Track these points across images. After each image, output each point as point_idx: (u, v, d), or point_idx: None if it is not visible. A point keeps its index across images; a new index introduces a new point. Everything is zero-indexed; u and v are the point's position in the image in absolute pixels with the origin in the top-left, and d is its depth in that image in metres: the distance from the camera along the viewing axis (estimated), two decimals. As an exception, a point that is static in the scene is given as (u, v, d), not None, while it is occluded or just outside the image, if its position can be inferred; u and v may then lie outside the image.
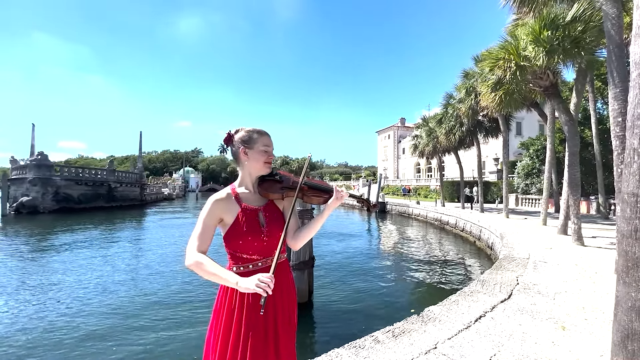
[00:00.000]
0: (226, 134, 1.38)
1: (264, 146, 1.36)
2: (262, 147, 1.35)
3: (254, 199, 1.38)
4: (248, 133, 1.36)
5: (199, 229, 1.26)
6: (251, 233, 1.29)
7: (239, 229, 1.29)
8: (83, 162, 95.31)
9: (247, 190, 1.39)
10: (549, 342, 2.61)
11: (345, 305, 6.42)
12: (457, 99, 17.39)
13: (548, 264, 5.41)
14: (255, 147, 1.35)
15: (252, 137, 1.35)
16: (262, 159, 1.35)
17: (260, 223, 1.33)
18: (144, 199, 39.90)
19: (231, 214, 1.31)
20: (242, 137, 1.36)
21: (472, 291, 3.85)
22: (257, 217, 1.33)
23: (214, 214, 1.29)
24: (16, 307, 6.24)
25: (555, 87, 8.36)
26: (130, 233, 16.66)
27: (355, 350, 2.49)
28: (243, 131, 1.37)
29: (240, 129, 1.38)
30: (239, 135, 1.37)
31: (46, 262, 10.04)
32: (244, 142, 1.35)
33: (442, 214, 18.60)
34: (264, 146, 1.35)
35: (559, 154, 16.39)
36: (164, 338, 4.99)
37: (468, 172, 27.21)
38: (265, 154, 1.36)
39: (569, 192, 8.07)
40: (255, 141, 1.35)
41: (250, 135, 1.35)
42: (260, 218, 1.34)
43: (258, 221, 1.32)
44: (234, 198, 1.34)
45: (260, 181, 1.41)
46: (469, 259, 10.65)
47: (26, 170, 27.41)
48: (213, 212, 1.28)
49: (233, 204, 1.33)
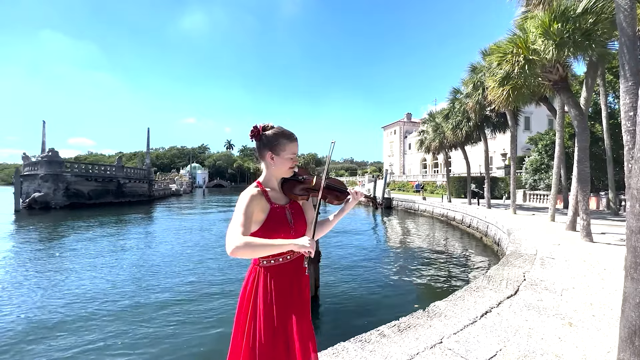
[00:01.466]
0: (254, 128, 1.39)
1: (291, 154, 1.39)
2: (289, 154, 1.39)
3: (280, 198, 1.44)
4: (276, 136, 1.37)
5: (240, 218, 1.26)
6: (282, 229, 1.36)
7: (271, 225, 1.35)
8: (92, 159, 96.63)
9: (274, 189, 1.44)
10: (555, 338, 2.61)
11: (351, 299, 6.47)
12: (464, 93, 17.17)
13: (556, 260, 5.37)
14: (282, 155, 1.38)
15: (280, 142, 1.37)
16: (288, 165, 1.40)
17: (289, 220, 1.40)
18: (152, 195, 40.41)
19: (264, 211, 1.36)
20: (271, 139, 1.37)
21: (478, 287, 3.85)
22: (285, 214, 1.40)
23: (251, 208, 1.31)
24: (29, 299, 6.42)
25: (565, 81, 8.21)
26: (142, 228, 16.94)
27: (362, 344, 2.52)
28: (272, 131, 1.38)
29: (269, 126, 1.40)
30: (268, 134, 1.38)
31: (61, 256, 10.28)
32: (271, 147, 1.37)
33: (449, 209, 18.49)
34: (291, 154, 1.39)
35: (568, 149, 16.13)
36: (175, 328, 5.10)
37: (475, 168, 26.93)
38: (290, 161, 1.40)
39: (578, 188, 7.97)
40: (283, 148, 1.37)
41: (278, 140, 1.37)
42: (288, 215, 1.41)
43: (287, 218, 1.40)
44: (265, 196, 1.38)
45: (283, 181, 1.46)
46: (475, 255, 10.60)
47: (38, 167, 27.98)
48: (251, 205, 1.31)
49: (265, 202, 1.37)
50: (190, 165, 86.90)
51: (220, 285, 7.25)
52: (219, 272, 8.36)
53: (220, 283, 7.43)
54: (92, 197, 30.01)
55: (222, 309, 5.94)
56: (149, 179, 40.36)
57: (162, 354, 4.46)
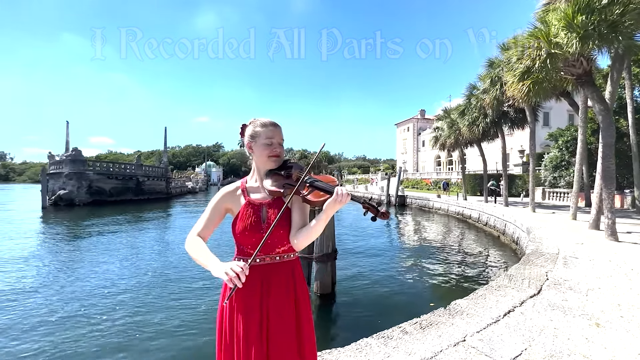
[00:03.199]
0: (241, 126, 1.40)
1: (267, 139, 1.32)
2: (264, 140, 1.32)
3: (262, 193, 1.35)
4: (253, 126, 1.36)
5: (204, 214, 1.32)
6: (250, 227, 1.27)
7: (240, 221, 1.29)
8: (112, 157, 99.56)
9: (256, 184, 1.38)
10: (582, 339, 2.57)
11: (367, 296, 6.50)
12: (480, 89, 16.79)
13: (579, 259, 5.24)
14: (258, 141, 1.33)
15: (256, 131, 1.34)
16: (265, 153, 1.32)
17: (262, 218, 1.29)
18: (170, 193, 41.41)
19: (237, 206, 1.33)
20: (249, 131, 1.36)
21: (499, 285, 3.82)
22: (260, 212, 1.30)
23: (220, 204, 1.34)
24: (56, 291, 6.74)
25: (589, 75, 7.94)
26: (161, 223, 17.43)
27: (384, 340, 2.56)
28: (251, 124, 1.37)
29: (251, 121, 1.38)
30: (248, 128, 1.37)
31: (89, 250, 10.72)
32: (250, 136, 1.35)
33: (464, 207, 18.19)
34: (266, 139, 1.32)
35: (591, 145, 15.56)
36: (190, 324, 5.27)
37: (491, 165, 26.31)
38: (268, 147, 1.32)
39: (602, 185, 7.71)
40: (259, 134, 1.33)
41: (254, 129, 1.35)
42: (263, 213, 1.30)
43: (260, 216, 1.29)
44: (242, 191, 1.36)
45: (268, 174, 1.34)
46: (492, 253, 10.42)
47: (62, 165, 29.15)
48: (220, 201, 1.34)
49: (240, 197, 1.35)
50: (205, 163, 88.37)
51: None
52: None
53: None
54: (113, 194, 31.03)
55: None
56: (166, 176, 41.37)
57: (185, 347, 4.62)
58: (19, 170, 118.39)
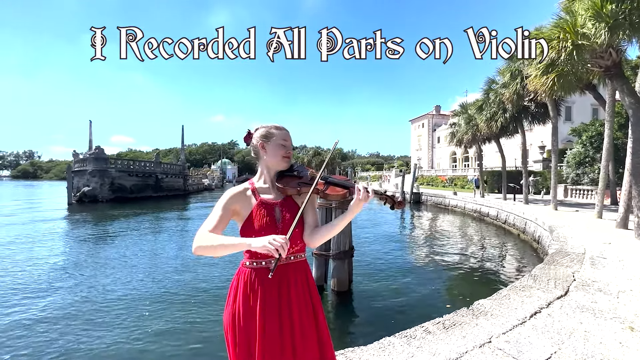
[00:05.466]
0: (247, 132, 1.43)
1: (282, 140, 1.38)
2: (280, 140, 1.38)
3: (272, 194, 1.37)
4: (266, 129, 1.40)
5: (214, 215, 1.27)
6: (266, 228, 1.26)
7: (254, 223, 1.28)
8: (132, 155, 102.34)
9: (265, 185, 1.39)
10: (615, 343, 2.48)
11: (384, 293, 6.47)
12: (500, 83, 16.31)
13: (608, 259, 5.04)
14: (272, 141, 1.37)
15: (270, 131, 1.39)
16: (280, 153, 1.37)
17: (277, 218, 1.30)
18: (187, 189, 42.37)
19: (247, 207, 1.31)
20: (261, 133, 1.39)
21: (524, 286, 3.72)
22: (274, 211, 1.31)
23: (228, 206, 1.29)
24: (81, 284, 7.03)
25: (618, 67, 7.58)
26: (181, 221, 17.88)
27: (407, 339, 2.54)
28: (262, 128, 1.41)
29: (260, 126, 1.42)
30: (258, 131, 1.40)
31: (116, 245, 11.13)
32: (264, 136, 1.38)
33: (482, 205, 17.78)
34: (281, 140, 1.38)
35: (617, 141, 14.87)
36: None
37: (510, 162, 25.57)
38: (283, 148, 1.37)
39: (631, 182, 7.37)
40: (274, 135, 1.38)
41: (268, 130, 1.39)
42: (277, 213, 1.32)
43: (274, 216, 1.30)
44: (252, 192, 1.35)
45: (278, 177, 1.39)
46: (512, 252, 10.17)
47: (86, 163, 30.30)
48: (228, 204, 1.29)
49: (249, 198, 1.33)
50: (220, 161, 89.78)
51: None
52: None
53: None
54: (134, 191, 32.03)
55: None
56: (183, 174, 42.31)
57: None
58: (46, 168, 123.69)
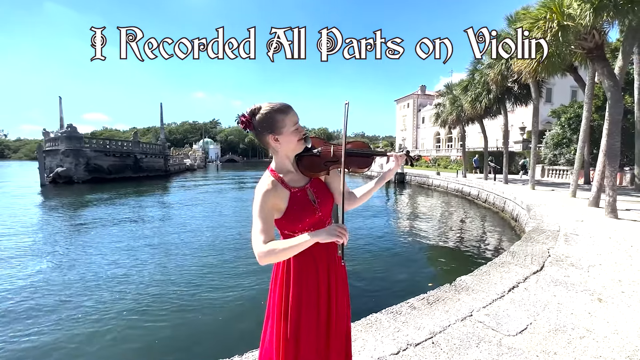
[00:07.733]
0: (242, 118, 1.24)
1: (293, 125, 1.25)
2: (291, 127, 1.24)
3: (298, 179, 1.34)
4: (269, 116, 1.22)
5: (259, 224, 1.19)
6: (306, 213, 1.28)
7: (295, 212, 1.27)
8: (107, 134, 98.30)
9: (289, 171, 1.33)
10: (585, 313, 2.65)
11: (369, 272, 6.65)
12: (485, 64, 16.35)
13: (580, 236, 5.33)
14: (284, 131, 1.23)
15: (276, 119, 1.22)
16: (295, 139, 1.27)
17: (312, 200, 1.32)
18: (168, 170, 41.32)
19: (283, 200, 1.27)
20: (265, 122, 1.23)
21: (502, 262, 3.89)
22: (307, 195, 1.32)
23: (267, 206, 1.24)
24: (57, 271, 6.86)
25: (600, 49, 7.70)
26: (163, 204, 17.50)
27: (393, 315, 2.63)
28: (262, 112, 1.22)
29: (258, 109, 1.23)
30: (260, 118, 1.23)
31: (93, 229, 10.82)
32: (270, 129, 1.23)
33: (464, 185, 18.29)
34: (293, 126, 1.25)
35: (593, 123, 15.40)
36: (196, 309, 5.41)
37: (491, 142, 26.14)
38: (297, 133, 1.26)
39: (605, 163, 7.71)
40: (283, 124, 1.23)
41: (273, 119, 1.22)
42: (310, 195, 1.32)
43: (309, 199, 1.31)
44: (280, 182, 1.29)
45: (299, 159, 1.34)
46: (491, 230, 10.60)
47: (58, 142, 28.79)
48: (266, 203, 1.24)
49: (282, 190, 1.28)
50: (202, 140, 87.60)
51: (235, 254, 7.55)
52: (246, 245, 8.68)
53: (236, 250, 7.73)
54: (112, 171, 30.93)
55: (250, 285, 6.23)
56: (164, 154, 41.10)
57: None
58: (13, 147, 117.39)
